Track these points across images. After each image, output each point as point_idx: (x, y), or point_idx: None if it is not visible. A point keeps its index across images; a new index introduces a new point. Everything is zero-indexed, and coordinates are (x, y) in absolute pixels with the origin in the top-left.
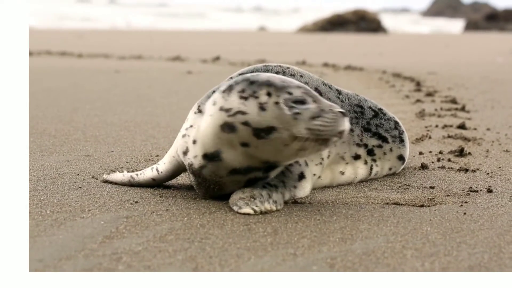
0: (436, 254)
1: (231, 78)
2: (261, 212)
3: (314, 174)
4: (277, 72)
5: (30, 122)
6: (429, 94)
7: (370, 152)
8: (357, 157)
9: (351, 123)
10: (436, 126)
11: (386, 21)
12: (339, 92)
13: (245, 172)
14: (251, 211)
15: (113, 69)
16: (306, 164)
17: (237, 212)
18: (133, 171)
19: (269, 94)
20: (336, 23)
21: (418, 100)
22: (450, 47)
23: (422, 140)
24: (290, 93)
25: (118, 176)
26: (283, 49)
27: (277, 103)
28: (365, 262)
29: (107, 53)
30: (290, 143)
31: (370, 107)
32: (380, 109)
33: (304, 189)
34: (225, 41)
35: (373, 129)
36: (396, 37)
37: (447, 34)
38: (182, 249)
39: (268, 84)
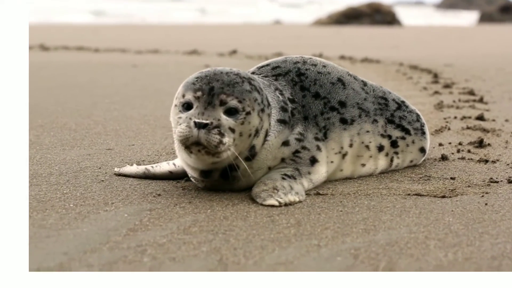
0: (459, 244)
1: (252, 73)
2: (285, 204)
3: (332, 162)
4: (296, 62)
5: (50, 117)
6: (447, 86)
7: (394, 144)
8: (381, 148)
9: (376, 114)
10: (455, 117)
11: (401, 14)
12: (364, 84)
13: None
14: (276, 203)
15: (130, 64)
16: (318, 149)
17: (261, 204)
18: (151, 165)
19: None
20: (351, 16)
21: (436, 92)
22: (465, 39)
23: (442, 132)
24: (183, 96)
25: (131, 169)
26: (299, 42)
27: (175, 105)
28: (388, 253)
29: (123, 47)
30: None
31: (393, 99)
32: (403, 102)
33: (319, 173)
34: (241, 35)
35: (397, 121)
36: (411, 29)
37: (462, 26)
38: (207, 241)
39: (182, 85)
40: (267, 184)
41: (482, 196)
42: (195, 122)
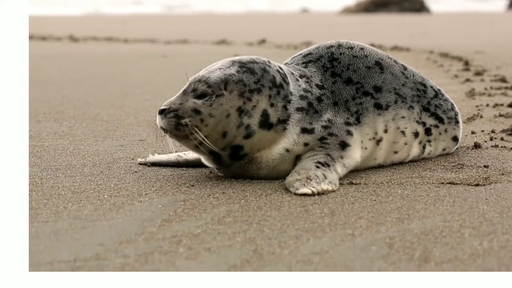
0: (494, 232)
1: (285, 63)
2: (318, 193)
3: (366, 148)
4: (330, 47)
5: (82, 108)
6: (478, 73)
7: (428, 131)
8: (416, 134)
9: (412, 101)
10: (487, 105)
11: (429, 0)
12: (405, 68)
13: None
14: (309, 191)
15: (160, 54)
16: (349, 133)
17: (294, 193)
18: (183, 152)
19: None
20: (379, 4)
21: (467, 80)
22: (495, 26)
23: (474, 120)
24: None
25: (162, 157)
26: (328, 31)
27: None
28: (423, 242)
29: (152, 38)
30: None
31: (431, 87)
32: (439, 89)
33: (351, 157)
34: (269, 24)
35: (432, 109)
36: (439, 16)
37: (491, 12)
38: (241, 231)
39: None
40: (300, 173)
41: None
42: (158, 110)
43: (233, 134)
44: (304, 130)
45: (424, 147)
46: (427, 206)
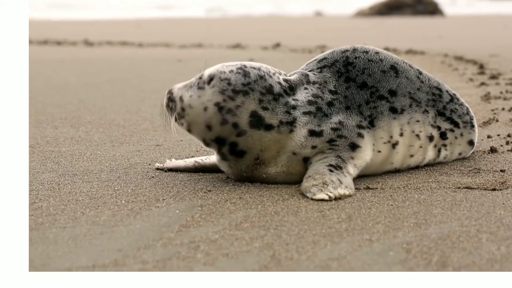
0: None
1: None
2: (336, 198)
3: (380, 151)
4: (345, 51)
5: (98, 113)
6: (493, 77)
7: (443, 135)
8: (431, 138)
9: (427, 105)
10: (503, 109)
11: (443, 3)
12: (420, 72)
13: None
14: (326, 197)
15: (175, 58)
16: (360, 136)
17: (312, 199)
18: (200, 157)
19: None
20: (392, 7)
21: (482, 83)
22: (509, 28)
23: (490, 124)
24: None
25: (180, 163)
26: (342, 34)
27: None
28: (441, 247)
29: (167, 42)
30: None
31: (447, 91)
32: (455, 94)
33: (362, 158)
34: (283, 27)
35: (447, 113)
36: (453, 19)
37: (505, 14)
38: (259, 236)
39: None
40: (316, 178)
41: None
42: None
43: (219, 129)
44: (312, 133)
45: (439, 151)
46: (444, 211)
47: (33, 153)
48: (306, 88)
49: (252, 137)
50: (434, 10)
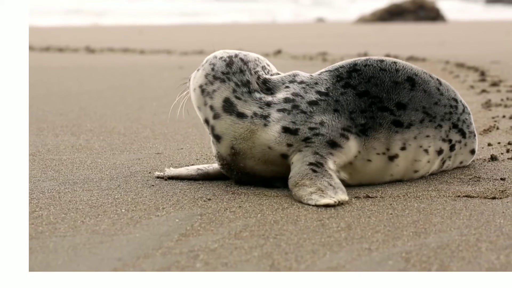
0: (511, 246)
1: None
2: (339, 203)
3: (370, 160)
4: (359, 59)
5: (99, 121)
6: (494, 84)
7: (452, 148)
8: (440, 151)
9: (443, 119)
10: (503, 116)
11: (445, 9)
12: (440, 83)
13: None
14: (332, 201)
15: (177, 65)
16: (343, 136)
17: (315, 205)
18: (202, 165)
19: None
20: (394, 13)
21: (483, 91)
22: (511, 35)
23: (490, 131)
24: None
25: (182, 170)
26: (344, 41)
27: None
28: (440, 256)
29: (169, 48)
30: None
31: (461, 101)
32: (461, 100)
33: (341, 158)
34: (284, 34)
35: (460, 125)
36: (456, 25)
37: (507, 21)
38: (258, 245)
39: None
40: (309, 185)
41: None
42: None
43: (204, 110)
44: (286, 129)
45: (444, 162)
46: (443, 219)
47: (34, 161)
48: (287, 87)
49: (225, 121)
50: (436, 16)
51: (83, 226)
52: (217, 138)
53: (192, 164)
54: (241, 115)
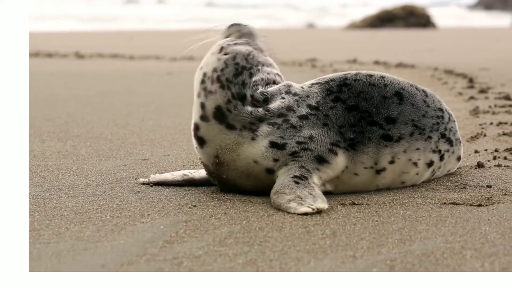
0: (496, 254)
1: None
2: (317, 211)
3: (356, 174)
4: (347, 73)
5: (86, 127)
6: (483, 91)
7: (442, 158)
8: (430, 164)
9: (432, 130)
10: (491, 123)
11: (435, 15)
12: (426, 94)
13: None
14: (310, 210)
15: (166, 71)
16: (332, 152)
17: (294, 213)
18: (189, 171)
19: None
20: (384, 19)
21: (471, 97)
22: (501, 42)
23: (477, 138)
24: None
25: (167, 176)
26: (333, 47)
27: None
28: (424, 263)
29: (158, 54)
30: None
31: (446, 110)
32: (447, 109)
33: (327, 173)
34: (274, 39)
35: (447, 134)
36: (446, 32)
37: (497, 28)
38: (242, 252)
39: None
40: (288, 193)
41: None
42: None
43: (196, 99)
44: (273, 144)
45: (434, 173)
46: (429, 227)
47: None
48: (283, 98)
49: (213, 128)
50: (426, 23)
51: (67, 233)
52: (201, 141)
53: (177, 170)
54: (230, 127)
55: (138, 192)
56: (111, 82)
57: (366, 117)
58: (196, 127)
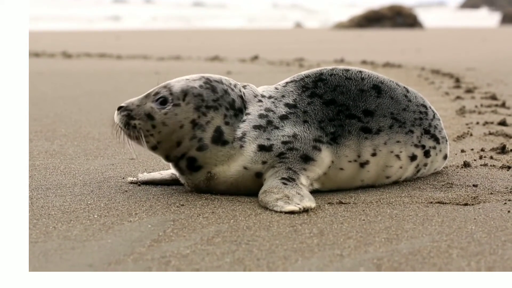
0: (482, 253)
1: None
2: (304, 209)
3: (342, 169)
4: (324, 68)
5: (73, 126)
6: (469, 91)
7: (427, 154)
8: (413, 157)
9: (413, 125)
10: (477, 123)
11: (422, 15)
12: (407, 90)
13: None
14: (296, 208)
15: (153, 71)
16: (316, 148)
17: (280, 212)
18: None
19: None
20: (372, 19)
21: (458, 97)
22: (487, 41)
23: (464, 138)
24: None
25: (155, 175)
26: (321, 47)
27: None
28: (411, 262)
29: (145, 54)
30: None
31: (430, 107)
32: (431, 107)
33: (314, 172)
34: (262, 40)
35: (432, 130)
36: (432, 32)
37: (484, 27)
38: (230, 251)
39: None
40: (276, 193)
41: (505, 203)
42: (117, 107)
43: (186, 144)
44: (261, 147)
45: (419, 170)
46: (415, 226)
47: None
48: (260, 101)
49: (211, 152)
50: (414, 23)
51: (54, 232)
52: (195, 169)
53: (166, 170)
54: (224, 143)
55: (126, 191)
56: (99, 81)
57: (344, 110)
58: (192, 160)
